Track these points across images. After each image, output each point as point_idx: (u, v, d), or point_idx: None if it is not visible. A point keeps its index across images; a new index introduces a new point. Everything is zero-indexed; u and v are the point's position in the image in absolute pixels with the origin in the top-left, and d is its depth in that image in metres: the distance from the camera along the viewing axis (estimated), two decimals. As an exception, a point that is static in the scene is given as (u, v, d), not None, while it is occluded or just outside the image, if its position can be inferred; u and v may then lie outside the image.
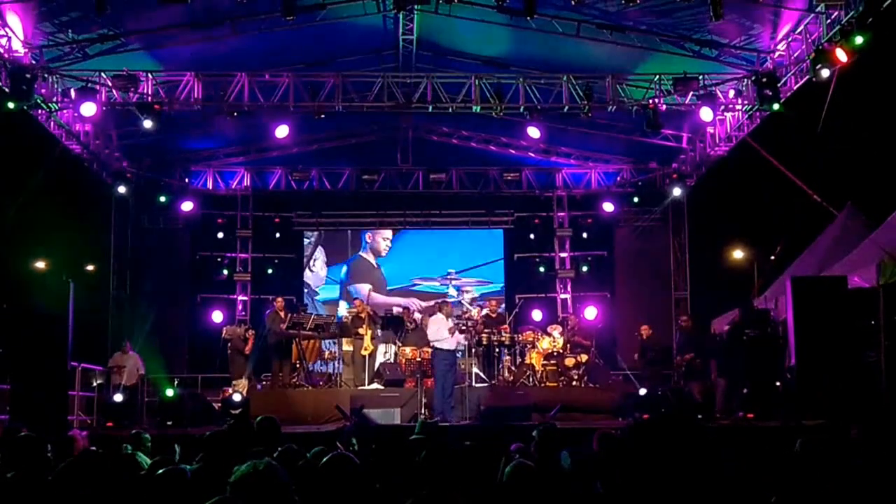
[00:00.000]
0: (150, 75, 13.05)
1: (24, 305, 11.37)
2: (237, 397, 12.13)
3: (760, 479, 4.43)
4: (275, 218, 18.09)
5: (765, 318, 12.81)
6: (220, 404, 12.67)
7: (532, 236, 18.39)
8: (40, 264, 18.86)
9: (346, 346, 14.32)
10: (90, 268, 18.30)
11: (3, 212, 13.73)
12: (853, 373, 10.93)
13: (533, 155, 17.92)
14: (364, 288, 17.76)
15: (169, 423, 11.61)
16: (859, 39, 10.79)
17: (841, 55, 11.03)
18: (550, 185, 18.47)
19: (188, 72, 13.19)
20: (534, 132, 15.94)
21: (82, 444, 6.62)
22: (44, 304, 11.29)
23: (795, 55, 12.46)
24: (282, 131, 14.76)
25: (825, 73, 11.34)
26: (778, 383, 12.07)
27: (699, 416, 11.59)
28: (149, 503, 3.74)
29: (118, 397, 12.82)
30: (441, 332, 12.18)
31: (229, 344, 14.54)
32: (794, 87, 12.80)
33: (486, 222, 18.52)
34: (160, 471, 3.86)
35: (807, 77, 12.06)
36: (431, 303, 16.19)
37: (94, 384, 13.65)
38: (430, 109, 13.88)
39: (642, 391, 12.41)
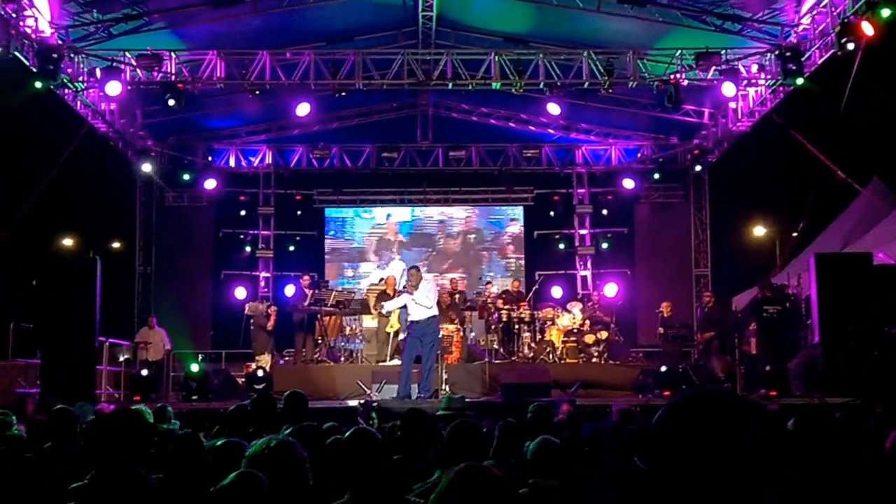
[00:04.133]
0: (173, 54, 13.14)
1: (53, 282, 11.61)
2: (260, 372, 12.34)
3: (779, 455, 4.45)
4: (296, 195, 18.23)
5: (783, 293, 12.75)
6: (244, 379, 12.90)
7: (552, 213, 18.35)
8: (68, 242, 19.23)
9: (368, 323, 14.44)
10: (116, 245, 18.61)
11: (32, 191, 13.95)
12: (878, 350, 10.88)
13: (553, 131, 17.85)
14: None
15: (194, 397, 11.83)
16: (886, 12, 10.62)
17: (867, 28, 10.85)
18: (570, 161, 18.39)
19: (211, 50, 13.26)
20: (554, 108, 15.87)
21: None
22: (71, 281, 11.53)
23: (820, 28, 12.27)
24: (303, 109, 14.81)
25: (850, 46, 11.17)
26: (800, 360, 12.03)
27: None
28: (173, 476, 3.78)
29: (144, 372, 13.11)
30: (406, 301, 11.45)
31: (252, 320, 14.73)
32: (819, 62, 12.59)
33: (506, 199, 18.52)
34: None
35: (832, 51, 11.89)
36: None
37: (121, 359, 13.92)
38: (450, 86, 13.84)
39: (663, 368, 12.45)
